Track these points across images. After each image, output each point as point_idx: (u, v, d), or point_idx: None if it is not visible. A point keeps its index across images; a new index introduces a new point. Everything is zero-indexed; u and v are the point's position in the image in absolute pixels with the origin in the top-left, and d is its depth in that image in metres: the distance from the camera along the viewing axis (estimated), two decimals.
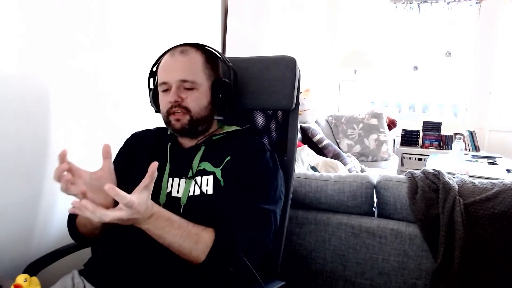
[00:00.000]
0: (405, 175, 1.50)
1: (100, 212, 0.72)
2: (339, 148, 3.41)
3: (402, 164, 4.27)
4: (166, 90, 1.00)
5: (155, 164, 0.77)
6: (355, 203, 1.50)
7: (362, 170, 2.85)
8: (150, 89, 1.10)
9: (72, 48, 1.25)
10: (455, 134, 4.12)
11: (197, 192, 0.96)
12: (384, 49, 4.53)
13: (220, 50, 2.14)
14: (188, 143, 1.06)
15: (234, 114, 1.12)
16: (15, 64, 1.09)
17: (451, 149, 3.63)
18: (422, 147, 4.35)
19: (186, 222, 0.86)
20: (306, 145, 2.47)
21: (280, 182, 1.02)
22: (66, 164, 0.78)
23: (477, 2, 4.21)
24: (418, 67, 4.66)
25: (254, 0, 2.59)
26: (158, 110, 1.07)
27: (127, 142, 1.14)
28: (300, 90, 1.21)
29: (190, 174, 0.98)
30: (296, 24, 3.35)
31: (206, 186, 0.96)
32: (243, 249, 0.86)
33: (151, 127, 1.17)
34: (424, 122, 4.41)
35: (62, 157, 0.78)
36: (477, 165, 2.95)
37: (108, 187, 0.69)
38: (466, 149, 3.92)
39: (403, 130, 4.40)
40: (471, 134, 4.12)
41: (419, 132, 4.39)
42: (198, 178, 0.98)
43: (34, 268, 1.01)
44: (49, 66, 1.18)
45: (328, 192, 1.53)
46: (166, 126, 1.05)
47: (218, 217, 0.91)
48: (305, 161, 2.21)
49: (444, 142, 4.31)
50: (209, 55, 1.05)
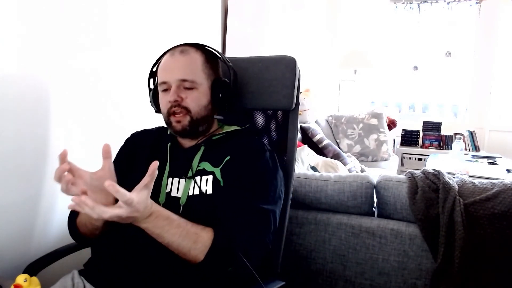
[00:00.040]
0: (405, 175, 1.50)
1: (99, 208, 0.72)
2: (339, 148, 3.41)
3: (402, 164, 4.27)
4: (166, 90, 1.00)
5: (156, 163, 0.77)
6: (355, 203, 1.50)
7: (362, 170, 2.85)
8: (150, 89, 1.10)
9: (72, 48, 1.25)
10: (455, 134, 4.12)
11: (196, 192, 0.96)
12: (384, 49, 4.53)
13: (220, 50, 2.14)
14: (188, 143, 1.06)
15: (234, 114, 1.12)
16: (15, 64, 1.09)
17: (451, 149, 3.63)
18: (422, 147, 4.35)
19: (185, 221, 0.86)
20: (306, 145, 2.47)
21: (279, 182, 1.02)
22: (66, 164, 0.78)
23: (477, 2, 4.21)
24: (418, 67, 4.66)
25: (254, 0, 2.59)
26: (158, 110, 1.07)
27: (127, 142, 1.14)
28: (300, 90, 1.21)
29: (189, 174, 0.98)
30: (296, 24, 3.35)
31: (206, 186, 0.96)
32: (242, 249, 0.86)
33: (151, 127, 1.17)
34: (424, 122, 4.41)
35: (63, 157, 0.78)
36: (477, 165, 2.95)
37: (108, 184, 0.70)
38: (466, 149, 3.92)
39: (403, 130, 4.40)
40: (471, 134, 4.12)
41: (419, 132, 4.39)
42: (197, 178, 0.98)
43: (34, 268, 1.01)
44: (49, 66, 1.18)
45: (328, 192, 1.53)
46: (166, 126, 1.05)
47: (218, 217, 0.91)
48: (305, 161, 2.21)
49: (444, 142, 4.31)
50: (209, 55, 1.05)
